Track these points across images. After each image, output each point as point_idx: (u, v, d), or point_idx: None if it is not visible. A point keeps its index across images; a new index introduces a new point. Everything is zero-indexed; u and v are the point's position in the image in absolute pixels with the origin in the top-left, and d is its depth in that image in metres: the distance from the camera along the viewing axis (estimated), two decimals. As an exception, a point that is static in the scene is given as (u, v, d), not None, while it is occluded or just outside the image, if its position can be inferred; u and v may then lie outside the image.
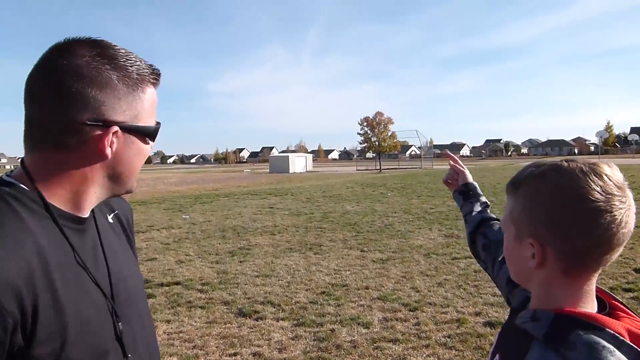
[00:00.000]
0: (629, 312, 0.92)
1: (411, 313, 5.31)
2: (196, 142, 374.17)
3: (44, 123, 0.92)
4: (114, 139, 0.95)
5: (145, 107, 0.99)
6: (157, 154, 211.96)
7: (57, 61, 0.90)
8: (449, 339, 4.57)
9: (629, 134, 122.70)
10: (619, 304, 0.94)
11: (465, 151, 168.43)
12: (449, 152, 1.89)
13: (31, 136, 0.94)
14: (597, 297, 0.93)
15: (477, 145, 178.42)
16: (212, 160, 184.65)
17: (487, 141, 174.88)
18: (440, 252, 8.33)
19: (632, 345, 0.82)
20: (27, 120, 0.94)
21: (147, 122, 1.01)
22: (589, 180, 0.84)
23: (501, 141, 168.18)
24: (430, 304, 5.61)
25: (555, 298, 0.91)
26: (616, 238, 0.85)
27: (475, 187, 1.68)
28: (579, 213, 0.84)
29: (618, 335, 0.83)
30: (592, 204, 0.84)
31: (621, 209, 0.84)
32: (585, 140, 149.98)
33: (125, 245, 1.20)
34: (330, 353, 4.34)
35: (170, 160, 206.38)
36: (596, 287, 0.93)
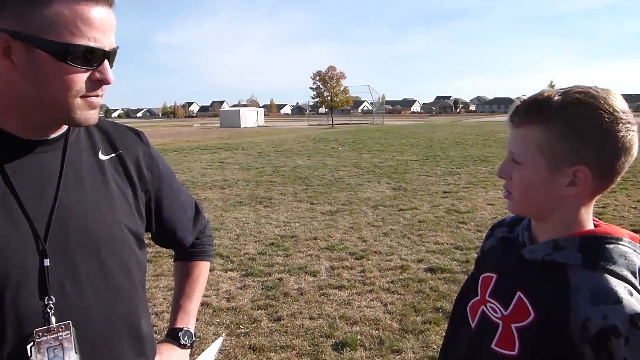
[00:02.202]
0: (597, 219, 1.02)
1: (357, 261, 5.49)
2: (143, 95, 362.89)
3: None
4: (17, 52, 0.90)
5: (60, 19, 0.89)
6: (100, 107, 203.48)
7: None
8: (391, 284, 4.77)
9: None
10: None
11: (416, 107, 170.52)
12: None
13: None
14: None
15: (428, 102, 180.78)
16: (160, 114, 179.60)
17: (438, 98, 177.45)
18: (387, 204, 8.54)
19: None
20: None
21: (68, 39, 0.90)
22: (614, 103, 0.91)
23: (450, 98, 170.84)
24: (375, 252, 5.80)
25: (579, 220, 0.97)
26: (631, 155, 0.94)
27: None
28: (616, 134, 0.91)
29: (632, 240, 0.94)
30: (623, 123, 0.91)
31: (636, 132, 0.93)
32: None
33: (111, 187, 1.10)
34: (277, 300, 4.45)
35: (115, 114, 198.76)
36: None
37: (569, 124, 0.93)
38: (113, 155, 1.13)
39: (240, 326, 3.97)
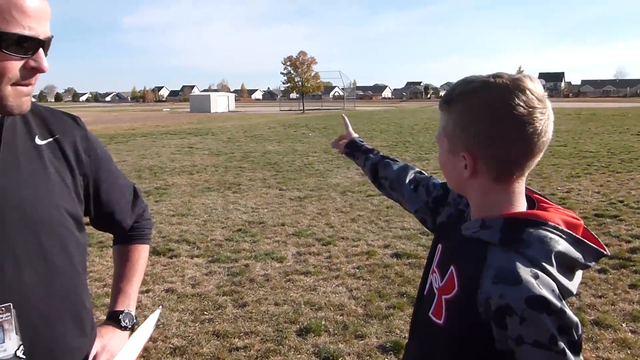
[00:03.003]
0: (550, 202, 1.04)
1: (324, 247, 5.50)
2: (111, 79, 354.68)
3: None
4: None
5: None
6: (68, 91, 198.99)
7: None
8: (357, 270, 4.80)
9: (537, 78, 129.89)
10: (541, 197, 1.06)
11: (387, 93, 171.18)
12: (344, 116, 1.96)
13: None
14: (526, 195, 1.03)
15: (399, 87, 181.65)
16: (129, 98, 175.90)
17: (408, 83, 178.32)
18: (356, 189, 8.57)
19: (570, 232, 0.95)
20: None
21: (2, 27, 0.91)
22: (514, 96, 0.92)
23: (421, 84, 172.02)
24: (342, 238, 5.82)
25: (495, 204, 0.99)
26: (537, 146, 0.95)
27: (355, 142, 1.72)
28: (506, 127, 0.92)
29: (558, 225, 0.95)
30: (517, 118, 0.92)
31: (541, 120, 0.93)
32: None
33: (49, 171, 1.10)
34: (243, 287, 4.44)
35: (83, 98, 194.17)
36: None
37: (460, 113, 0.98)
38: (50, 140, 1.13)
39: (205, 312, 3.94)
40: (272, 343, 3.47)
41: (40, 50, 0.98)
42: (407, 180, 1.43)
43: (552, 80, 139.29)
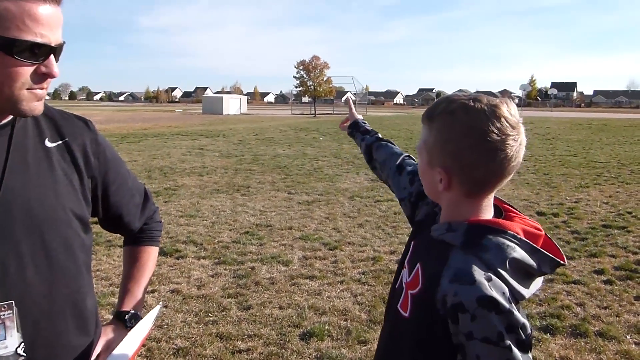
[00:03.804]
0: (518, 212, 1.12)
1: (330, 252, 5.52)
2: (126, 79, 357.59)
3: None
4: None
5: (8, 15, 0.94)
6: (82, 89, 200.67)
7: None
8: (363, 275, 4.81)
9: (550, 88, 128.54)
10: (509, 207, 1.13)
11: (399, 99, 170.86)
12: (349, 97, 2.09)
13: None
14: (494, 204, 1.11)
15: (411, 93, 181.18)
16: (143, 99, 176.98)
17: (420, 90, 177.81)
18: (364, 195, 8.58)
19: (527, 241, 1.02)
20: None
21: (15, 34, 0.95)
22: (489, 123, 0.99)
23: (433, 90, 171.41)
24: (349, 243, 5.83)
25: (462, 212, 1.07)
26: (507, 170, 1.03)
27: (357, 123, 1.82)
28: (480, 150, 1.00)
29: (516, 234, 1.02)
30: (491, 144, 0.99)
31: (513, 147, 1.01)
32: (511, 92, 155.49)
33: (57, 173, 1.12)
34: (248, 289, 4.47)
35: (97, 97, 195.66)
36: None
37: (439, 131, 1.05)
38: (60, 142, 1.16)
39: (209, 314, 3.97)
40: (275, 346, 3.49)
41: (52, 56, 1.01)
42: (395, 165, 1.51)
43: (564, 90, 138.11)
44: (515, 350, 0.93)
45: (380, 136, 1.71)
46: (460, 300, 0.95)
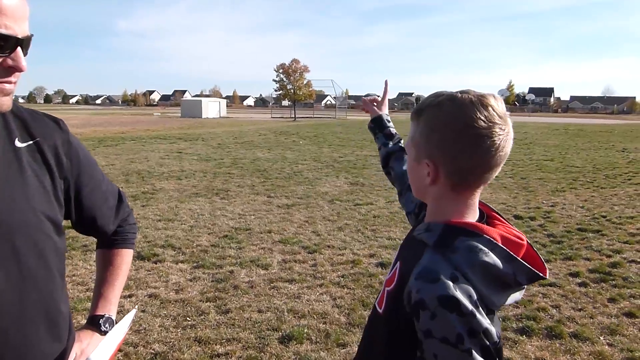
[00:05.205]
0: (503, 220, 1.11)
1: (309, 255, 5.52)
2: (103, 82, 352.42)
3: None
4: None
5: None
6: (57, 93, 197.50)
7: None
8: (342, 279, 4.82)
9: (527, 93, 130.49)
10: (495, 214, 1.12)
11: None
12: (387, 81, 1.86)
13: None
14: (480, 209, 1.10)
15: (391, 98, 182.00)
16: (120, 102, 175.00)
17: (400, 94, 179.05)
18: (344, 198, 8.61)
19: (503, 248, 0.99)
20: None
21: None
22: (476, 110, 0.98)
23: (413, 95, 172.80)
24: (328, 246, 5.84)
25: (445, 210, 1.06)
26: (494, 160, 1.01)
27: (381, 120, 1.73)
28: (465, 138, 0.98)
29: (492, 239, 1.00)
30: (477, 131, 0.98)
31: (500, 135, 0.99)
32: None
33: (27, 174, 1.08)
34: (227, 293, 4.44)
35: (73, 100, 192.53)
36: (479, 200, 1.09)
37: (426, 124, 1.05)
38: (30, 142, 1.12)
39: (188, 318, 3.93)
40: (254, 350, 3.47)
41: (19, 49, 0.97)
42: (408, 182, 1.49)
43: (541, 95, 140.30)
44: (475, 355, 0.91)
45: (402, 145, 1.67)
46: (422, 297, 0.94)
